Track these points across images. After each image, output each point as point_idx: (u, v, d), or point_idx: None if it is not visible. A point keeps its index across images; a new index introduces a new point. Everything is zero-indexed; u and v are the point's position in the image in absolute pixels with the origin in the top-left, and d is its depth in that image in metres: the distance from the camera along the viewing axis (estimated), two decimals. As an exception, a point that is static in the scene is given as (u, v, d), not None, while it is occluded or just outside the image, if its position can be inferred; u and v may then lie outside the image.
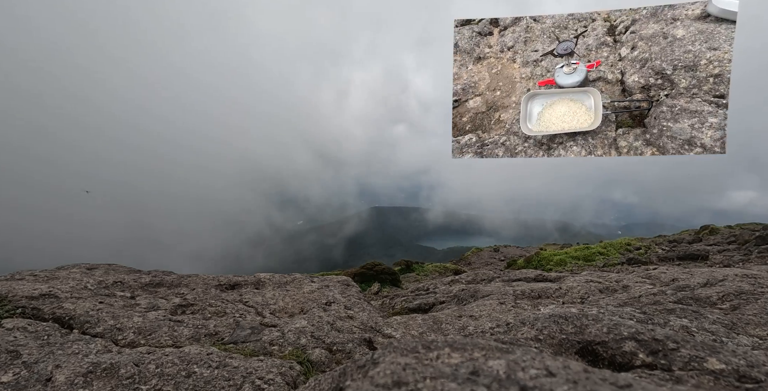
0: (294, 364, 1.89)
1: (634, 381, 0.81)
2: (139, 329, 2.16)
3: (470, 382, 0.72)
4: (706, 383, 1.18)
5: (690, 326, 2.15)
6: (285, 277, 4.05)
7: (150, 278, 3.27)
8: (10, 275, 3.08)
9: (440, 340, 0.97)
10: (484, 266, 15.14)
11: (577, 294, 3.52)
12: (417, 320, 2.79)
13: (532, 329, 1.87)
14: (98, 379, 1.56)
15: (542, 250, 15.09)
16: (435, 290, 4.70)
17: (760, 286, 3.03)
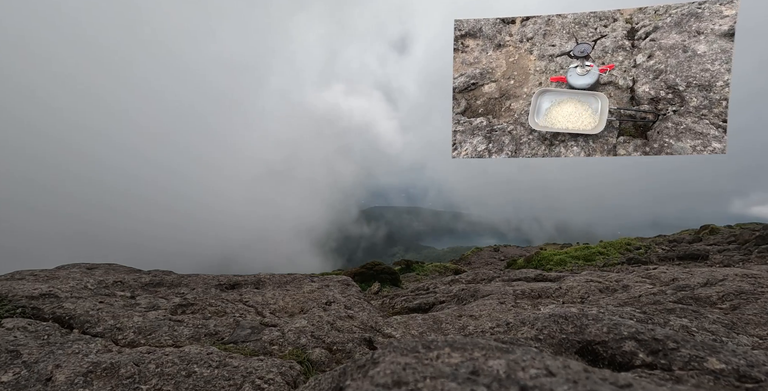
0: (294, 364, 1.89)
1: (634, 381, 0.81)
2: (139, 329, 2.16)
3: (470, 382, 0.72)
4: (706, 382, 1.18)
5: (690, 325, 2.15)
6: (285, 277, 4.05)
7: (150, 278, 3.27)
8: (10, 275, 3.09)
9: (440, 339, 0.97)
10: (484, 265, 15.14)
11: (577, 294, 3.52)
12: (417, 320, 2.79)
13: (532, 329, 1.87)
14: (98, 379, 1.56)
15: (542, 250, 15.10)
16: (435, 289, 4.70)
17: (760, 286, 3.03)
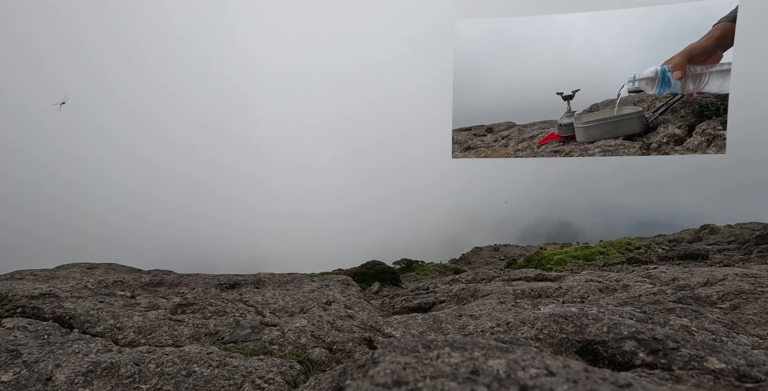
0: (294, 363, 1.89)
1: (634, 380, 0.81)
2: (139, 329, 2.16)
3: (470, 381, 0.72)
4: (706, 382, 1.18)
5: (690, 325, 2.15)
6: (285, 276, 4.05)
7: (150, 278, 3.27)
8: (10, 275, 3.09)
9: (440, 339, 0.97)
10: (484, 265, 15.12)
11: (577, 293, 3.52)
12: (417, 320, 2.79)
13: (532, 329, 1.87)
14: (98, 378, 1.56)
15: (542, 249, 15.08)
16: (435, 289, 4.70)
17: (759, 285, 3.02)
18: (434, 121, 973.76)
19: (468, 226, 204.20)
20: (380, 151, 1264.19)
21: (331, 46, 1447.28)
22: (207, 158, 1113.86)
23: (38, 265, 3.73)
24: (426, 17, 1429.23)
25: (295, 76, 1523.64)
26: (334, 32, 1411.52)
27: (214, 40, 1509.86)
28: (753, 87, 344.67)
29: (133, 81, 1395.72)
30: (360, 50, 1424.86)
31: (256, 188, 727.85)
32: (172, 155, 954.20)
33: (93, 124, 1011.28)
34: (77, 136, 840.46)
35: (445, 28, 3.89)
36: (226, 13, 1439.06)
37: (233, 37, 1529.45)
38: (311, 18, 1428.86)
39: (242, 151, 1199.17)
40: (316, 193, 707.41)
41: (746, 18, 2.90)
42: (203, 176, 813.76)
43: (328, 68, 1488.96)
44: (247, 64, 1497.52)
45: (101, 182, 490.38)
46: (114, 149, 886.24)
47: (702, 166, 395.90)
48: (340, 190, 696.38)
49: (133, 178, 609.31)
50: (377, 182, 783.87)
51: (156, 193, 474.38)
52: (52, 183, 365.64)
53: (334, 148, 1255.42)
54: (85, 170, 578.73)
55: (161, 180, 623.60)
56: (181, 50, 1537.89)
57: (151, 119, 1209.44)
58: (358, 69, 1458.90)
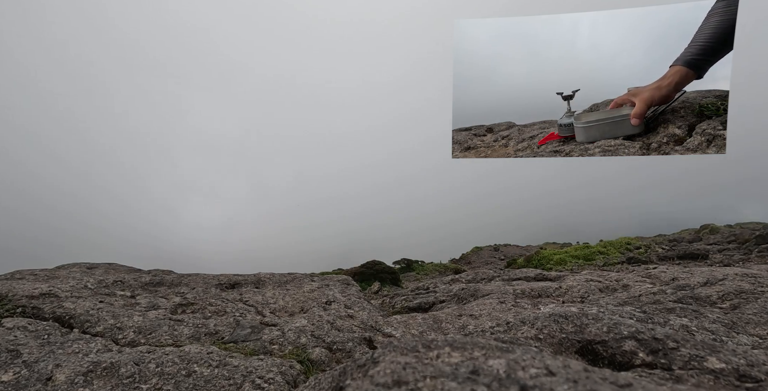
0: (294, 363, 1.90)
1: (634, 380, 0.81)
2: (139, 328, 2.16)
3: (470, 381, 0.72)
4: (706, 382, 1.18)
5: (690, 325, 2.15)
6: (285, 276, 4.06)
7: (150, 277, 3.27)
8: (10, 275, 3.09)
9: (440, 339, 0.97)
10: (484, 265, 15.12)
11: (577, 293, 3.52)
12: (417, 319, 2.79)
13: (532, 328, 1.87)
14: (98, 378, 1.56)
15: (542, 249, 15.09)
16: (435, 289, 4.70)
17: (760, 285, 3.02)
18: (434, 121, 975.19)
19: (468, 226, 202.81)
20: (380, 151, 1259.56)
21: (332, 48, 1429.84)
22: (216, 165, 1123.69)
23: (38, 265, 3.73)
24: (426, 17, 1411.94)
25: (298, 87, 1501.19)
26: (333, 34, 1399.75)
27: (224, 58, 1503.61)
28: (753, 87, 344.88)
29: (129, 88, 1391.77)
30: (360, 50, 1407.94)
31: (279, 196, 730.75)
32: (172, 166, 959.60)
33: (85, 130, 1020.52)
34: (69, 140, 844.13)
35: (445, 28, 3.88)
36: (222, 22, 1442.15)
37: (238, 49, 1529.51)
38: (312, 19, 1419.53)
39: (248, 162, 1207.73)
40: (316, 200, 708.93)
41: (746, 18, 2.89)
42: (215, 182, 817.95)
43: (328, 70, 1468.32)
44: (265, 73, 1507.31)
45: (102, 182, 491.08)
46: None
47: (702, 167, 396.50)
48: (341, 192, 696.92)
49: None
50: (378, 184, 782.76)
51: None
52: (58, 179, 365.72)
53: (335, 150, 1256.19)
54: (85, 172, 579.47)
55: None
56: (201, 71, 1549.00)
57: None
58: (359, 68, 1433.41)
